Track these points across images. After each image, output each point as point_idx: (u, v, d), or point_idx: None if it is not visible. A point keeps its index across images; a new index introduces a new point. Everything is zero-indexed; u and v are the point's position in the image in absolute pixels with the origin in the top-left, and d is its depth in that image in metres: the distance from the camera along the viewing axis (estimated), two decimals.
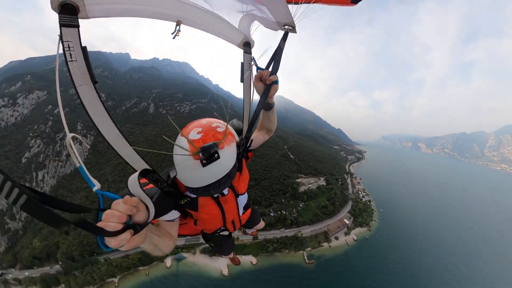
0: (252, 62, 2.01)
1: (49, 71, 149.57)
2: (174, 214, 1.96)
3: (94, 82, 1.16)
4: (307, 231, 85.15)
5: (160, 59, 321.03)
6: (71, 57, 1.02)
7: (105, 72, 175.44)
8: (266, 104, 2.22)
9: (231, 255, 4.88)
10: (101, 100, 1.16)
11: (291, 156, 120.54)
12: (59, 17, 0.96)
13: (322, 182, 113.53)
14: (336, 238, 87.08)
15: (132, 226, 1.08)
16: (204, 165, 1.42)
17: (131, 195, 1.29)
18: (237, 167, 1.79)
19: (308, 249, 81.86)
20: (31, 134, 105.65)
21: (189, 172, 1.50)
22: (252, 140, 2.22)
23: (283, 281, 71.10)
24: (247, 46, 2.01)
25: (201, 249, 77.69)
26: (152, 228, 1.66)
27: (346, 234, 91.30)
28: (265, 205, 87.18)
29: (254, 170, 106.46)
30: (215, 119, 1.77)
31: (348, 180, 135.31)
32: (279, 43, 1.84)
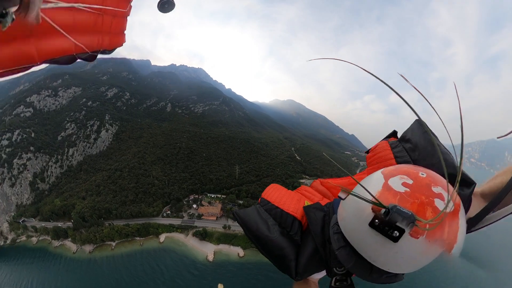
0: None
1: (83, 73, 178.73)
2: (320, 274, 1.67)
3: None
4: None
5: (177, 65, 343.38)
6: None
7: (130, 75, 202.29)
8: None
9: None
10: None
11: (297, 157, 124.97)
12: None
13: None
14: None
15: None
16: (394, 239, 0.95)
17: None
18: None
19: None
20: (67, 119, 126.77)
21: (361, 232, 1.11)
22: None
23: (266, 280, 69.56)
24: None
25: (193, 232, 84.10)
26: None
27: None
28: None
29: (258, 167, 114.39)
30: (439, 178, 1.13)
31: None
32: None
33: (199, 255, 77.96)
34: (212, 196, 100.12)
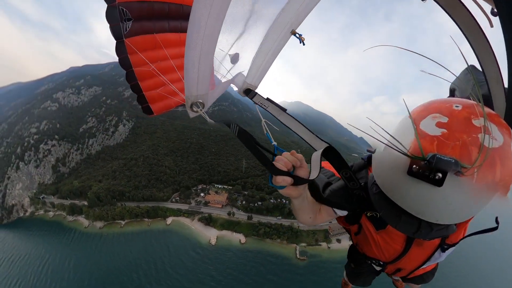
0: None
1: (102, 74, 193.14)
2: (340, 212, 1.68)
3: (284, 110, 1.71)
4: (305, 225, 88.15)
5: None
6: (266, 107, 1.80)
7: None
8: None
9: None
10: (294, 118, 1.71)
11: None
12: (251, 95, 1.78)
13: None
14: (338, 240, 79.67)
15: (294, 176, 1.11)
16: (438, 183, 0.84)
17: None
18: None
19: (303, 244, 78.86)
20: (88, 114, 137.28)
21: (401, 184, 1.01)
22: None
23: (267, 267, 70.94)
24: None
25: (199, 217, 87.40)
26: (308, 196, 1.48)
27: (351, 239, 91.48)
28: (267, 191, 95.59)
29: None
30: (478, 106, 0.93)
31: None
32: None
33: (203, 238, 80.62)
34: (219, 186, 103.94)
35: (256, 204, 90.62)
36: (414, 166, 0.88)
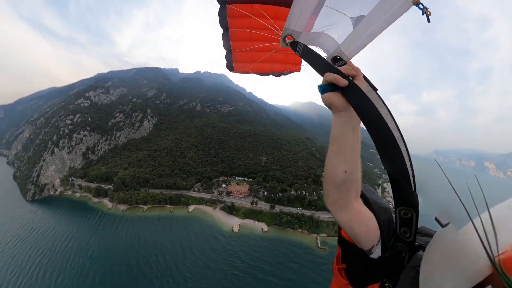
0: None
1: (127, 77, 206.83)
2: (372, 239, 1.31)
3: (375, 90, 1.40)
4: (325, 216, 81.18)
5: (202, 72, 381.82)
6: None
7: (164, 80, 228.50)
8: None
9: None
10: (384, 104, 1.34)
11: (318, 155, 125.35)
12: (339, 65, 1.50)
13: None
14: None
15: (345, 87, 1.07)
16: None
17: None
18: None
19: (323, 234, 77.80)
20: (116, 110, 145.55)
21: None
22: None
23: (289, 254, 70.07)
24: None
25: (221, 206, 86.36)
26: (355, 135, 1.24)
27: None
28: (287, 184, 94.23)
29: (281, 159, 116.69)
30: None
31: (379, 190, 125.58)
32: None
33: (225, 226, 79.45)
34: (240, 179, 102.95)
35: (277, 195, 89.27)
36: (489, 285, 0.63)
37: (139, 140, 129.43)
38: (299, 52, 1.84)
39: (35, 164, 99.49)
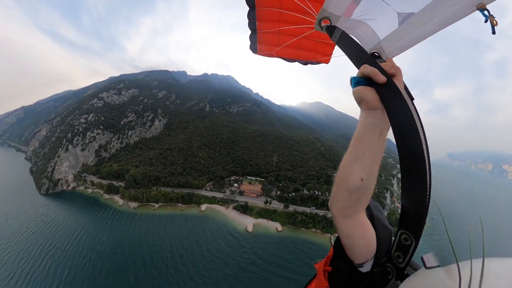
0: None
1: (138, 79, 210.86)
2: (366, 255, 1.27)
3: (412, 99, 1.08)
4: None
5: (209, 73, 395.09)
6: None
7: (174, 82, 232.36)
8: None
9: None
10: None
11: (327, 155, 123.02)
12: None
13: None
14: None
15: (382, 84, 0.99)
16: None
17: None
18: None
19: (336, 234, 76.47)
20: (128, 110, 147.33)
21: None
22: None
23: (304, 252, 68.46)
24: None
25: (234, 206, 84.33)
26: (382, 139, 1.11)
27: None
28: (299, 183, 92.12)
29: (292, 159, 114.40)
30: None
31: (395, 187, 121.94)
32: None
33: (239, 226, 77.63)
34: (252, 178, 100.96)
35: (290, 195, 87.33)
36: None
37: (150, 139, 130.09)
38: (335, 39, 1.57)
39: (50, 160, 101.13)
